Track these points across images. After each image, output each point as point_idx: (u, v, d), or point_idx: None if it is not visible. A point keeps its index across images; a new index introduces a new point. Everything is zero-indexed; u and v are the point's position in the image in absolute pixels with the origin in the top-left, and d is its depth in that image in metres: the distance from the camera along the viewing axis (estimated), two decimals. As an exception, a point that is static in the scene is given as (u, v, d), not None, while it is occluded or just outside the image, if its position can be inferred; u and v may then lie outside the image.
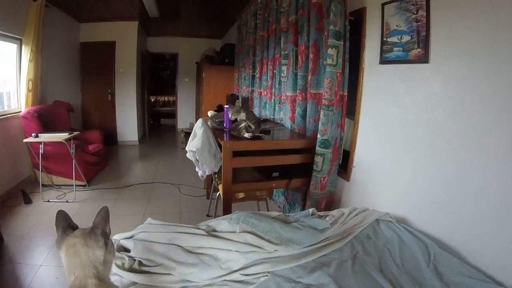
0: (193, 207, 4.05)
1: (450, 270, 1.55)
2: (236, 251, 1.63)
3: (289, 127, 3.38)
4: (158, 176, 5.35)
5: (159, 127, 11.11)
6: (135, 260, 1.58)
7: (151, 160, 6.57)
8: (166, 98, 12.04)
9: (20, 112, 4.52)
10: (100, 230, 1.20)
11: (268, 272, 1.54)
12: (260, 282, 1.48)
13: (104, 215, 1.24)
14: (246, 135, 2.68)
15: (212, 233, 1.80)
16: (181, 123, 9.90)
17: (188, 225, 1.91)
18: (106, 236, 1.20)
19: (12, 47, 4.58)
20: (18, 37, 4.56)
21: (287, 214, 2.12)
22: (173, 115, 10.62)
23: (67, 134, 4.21)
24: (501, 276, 1.51)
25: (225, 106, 3.03)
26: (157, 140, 8.96)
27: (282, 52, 3.53)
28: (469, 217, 1.71)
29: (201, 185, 4.76)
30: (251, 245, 1.68)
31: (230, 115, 2.87)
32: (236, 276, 1.51)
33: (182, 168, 5.89)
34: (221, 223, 1.87)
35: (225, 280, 1.50)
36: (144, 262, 1.58)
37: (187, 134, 7.30)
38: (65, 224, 1.20)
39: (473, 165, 1.70)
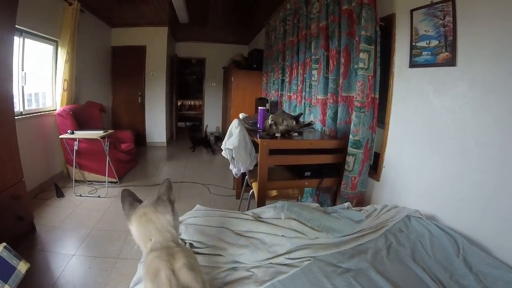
0: (222, 206, 4.00)
1: (479, 262, 1.61)
2: (282, 235, 1.75)
3: (319, 130, 3.43)
4: (187, 176, 5.49)
5: (186, 130, 11.14)
6: (185, 242, 1.71)
7: (179, 161, 6.73)
8: (192, 102, 12.26)
9: (54, 110, 4.76)
10: (166, 197, 1.31)
11: (311, 257, 1.65)
12: (304, 265, 1.58)
13: (167, 185, 1.35)
14: (277, 133, 2.78)
15: (259, 219, 1.92)
16: (208, 127, 9.98)
17: (235, 211, 2.04)
18: (172, 202, 1.31)
19: (48, 48, 4.82)
20: (55, 39, 4.81)
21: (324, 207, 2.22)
22: (198, 119, 10.77)
23: (102, 132, 4.38)
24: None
25: (260, 107, 3.16)
26: (184, 142, 9.07)
27: (313, 57, 3.59)
28: (496, 213, 1.76)
29: (229, 185, 4.90)
30: (295, 230, 1.80)
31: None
32: (281, 259, 1.61)
33: (210, 170, 6.09)
34: (267, 211, 1.99)
35: (271, 263, 1.60)
36: (195, 244, 1.69)
37: (217, 138, 7.51)
38: (131, 198, 1.32)
39: (498, 163, 1.76)
